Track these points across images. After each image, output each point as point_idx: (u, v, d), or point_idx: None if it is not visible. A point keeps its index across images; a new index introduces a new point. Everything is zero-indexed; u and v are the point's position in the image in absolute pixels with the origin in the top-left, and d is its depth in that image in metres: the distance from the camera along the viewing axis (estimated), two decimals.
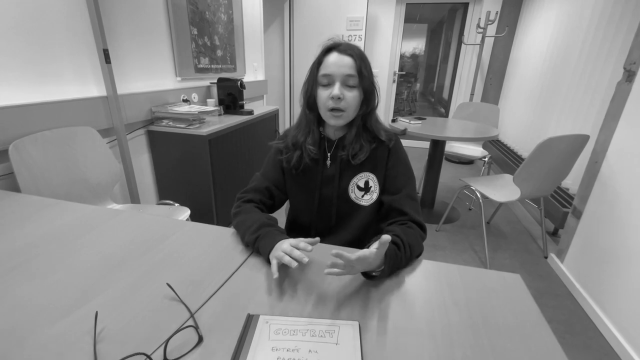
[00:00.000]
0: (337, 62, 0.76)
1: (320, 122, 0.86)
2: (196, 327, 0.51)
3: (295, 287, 0.63)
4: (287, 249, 0.63)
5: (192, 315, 0.54)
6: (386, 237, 0.56)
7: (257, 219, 0.74)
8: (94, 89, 1.49)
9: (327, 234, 0.91)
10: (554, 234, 2.26)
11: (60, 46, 1.33)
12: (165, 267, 0.67)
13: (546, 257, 1.98)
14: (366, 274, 0.65)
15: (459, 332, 0.53)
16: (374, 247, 0.61)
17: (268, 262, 0.67)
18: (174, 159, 1.82)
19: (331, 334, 0.51)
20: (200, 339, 0.49)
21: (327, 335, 0.50)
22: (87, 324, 0.51)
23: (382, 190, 0.85)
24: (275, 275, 0.60)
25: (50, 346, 0.48)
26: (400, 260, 0.66)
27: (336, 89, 0.76)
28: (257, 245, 0.70)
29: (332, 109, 0.78)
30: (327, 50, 0.78)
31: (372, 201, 0.86)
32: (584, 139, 1.62)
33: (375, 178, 0.85)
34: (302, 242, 0.64)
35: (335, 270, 0.57)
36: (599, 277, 1.51)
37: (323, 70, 0.77)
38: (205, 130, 1.69)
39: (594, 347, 1.35)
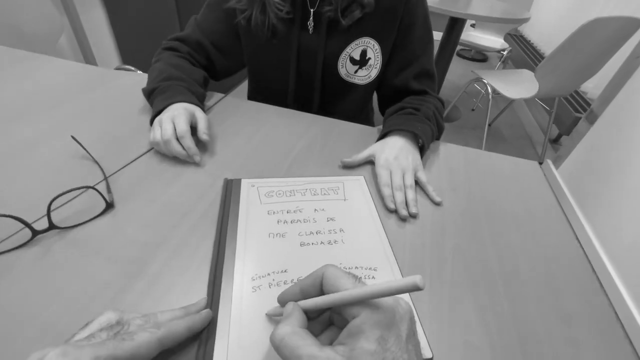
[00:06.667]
0: None
1: None
2: (105, 192, 0.38)
3: (267, 147, 0.50)
4: (183, 129, 0.44)
5: (105, 178, 0.40)
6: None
7: (166, 69, 0.54)
8: None
9: None
10: (555, 141, 2.15)
11: None
12: (84, 122, 0.51)
13: (541, 164, 1.91)
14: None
15: (454, 220, 0.42)
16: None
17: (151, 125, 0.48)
18: (135, 15, 1.48)
19: (336, 190, 0.43)
20: (109, 206, 0.36)
21: (331, 193, 0.42)
22: None
23: (388, 62, 0.62)
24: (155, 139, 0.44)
25: None
26: (420, 113, 0.55)
27: None
28: (152, 99, 0.51)
29: None
30: None
31: (369, 79, 0.62)
32: (636, 23, 1.33)
33: (378, 46, 0.59)
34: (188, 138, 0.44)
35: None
36: (590, 187, 1.45)
37: None
38: None
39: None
